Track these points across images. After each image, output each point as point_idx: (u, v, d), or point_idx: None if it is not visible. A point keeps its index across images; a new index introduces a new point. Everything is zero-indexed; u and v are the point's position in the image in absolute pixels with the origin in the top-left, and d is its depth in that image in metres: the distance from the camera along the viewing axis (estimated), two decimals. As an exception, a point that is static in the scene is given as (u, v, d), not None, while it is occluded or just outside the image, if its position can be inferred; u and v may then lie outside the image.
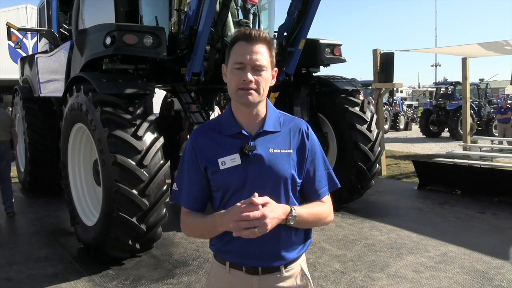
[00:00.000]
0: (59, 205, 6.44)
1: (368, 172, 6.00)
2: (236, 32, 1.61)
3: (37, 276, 4.21)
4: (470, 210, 6.19)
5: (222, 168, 1.55)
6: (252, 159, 1.54)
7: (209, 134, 1.62)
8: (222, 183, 1.57)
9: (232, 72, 1.53)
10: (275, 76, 1.62)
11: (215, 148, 1.58)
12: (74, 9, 6.29)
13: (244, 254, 1.57)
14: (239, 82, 1.50)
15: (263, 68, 1.52)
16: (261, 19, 6.26)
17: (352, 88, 6.30)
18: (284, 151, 1.58)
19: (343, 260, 4.44)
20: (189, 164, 1.63)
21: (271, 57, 1.56)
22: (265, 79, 1.53)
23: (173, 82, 5.81)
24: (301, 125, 1.66)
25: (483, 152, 10.39)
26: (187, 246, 4.93)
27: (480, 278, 3.96)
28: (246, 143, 1.55)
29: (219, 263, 1.65)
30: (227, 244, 1.58)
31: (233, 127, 1.59)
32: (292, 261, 1.62)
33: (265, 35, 1.55)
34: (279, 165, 1.55)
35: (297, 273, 1.64)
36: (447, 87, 19.48)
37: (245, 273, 1.59)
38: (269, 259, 1.58)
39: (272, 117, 1.62)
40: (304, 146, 1.62)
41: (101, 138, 4.15)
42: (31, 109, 7.52)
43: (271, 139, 1.58)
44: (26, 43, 13.82)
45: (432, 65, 45.02)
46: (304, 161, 1.61)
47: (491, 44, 9.18)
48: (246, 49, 1.51)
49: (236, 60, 1.51)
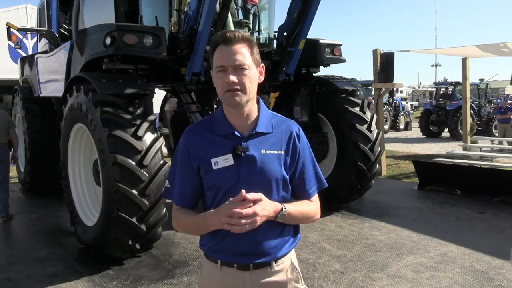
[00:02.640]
0: (59, 205, 6.44)
1: (368, 172, 5.99)
2: (214, 36, 1.63)
3: (37, 276, 4.21)
4: (470, 210, 6.19)
5: (215, 168, 1.58)
6: (244, 160, 1.58)
7: (202, 133, 1.65)
8: (215, 182, 1.61)
9: (216, 76, 1.57)
10: (263, 73, 1.65)
11: (207, 147, 1.61)
12: (74, 9, 6.29)
13: (235, 252, 1.61)
14: (224, 85, 1.53)
15: (244, 67, 1.54)
16: (261, 19, 6.26)
17: (352, 88, 6.30)
18: (276, 152, 1.62)
19: (343, 260, 4.44)
20: (181, 162, 1.66)
21: (253, 54, 1.58)
22: (249, 78, 1.55)
23: (173, 82, 5.81)
24: (293, 127, 1.70)
25: (483, 152, 10.39)
26: (187, 246, 4.93)
27: (480, 278, 3.96)
28: (239, 144, 1.58)
29: (211, 262, 1.68)
30: (219, 243, 1.62)
31: (226, 128, 1.62)
32: (282, 256, 1.66)
33: (242, 35, 1.56)
34: (271, 166, 1.60)
35: (287, 267, 1.69)
36: (447, 87, 19.47)
37: (236, 270, 1.62)
38: (260, 255, 1.61)
39: (264, 118, 1.65)
40: (296, 148, 1.66)
41: (101, 138, 4.15)
42: (31, 109, 7.51)
43: (263, 140, 1.62)
44: (26, 43, 13.80)
45: (432, 65, 45.15)
46: (295, 163, 1.66)
47: (489, 46, 9.18)
48: (225, 52, 1.54)
49: (217, 64, 1.55)
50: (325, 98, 6.35)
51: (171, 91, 7.12)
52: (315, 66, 6.81)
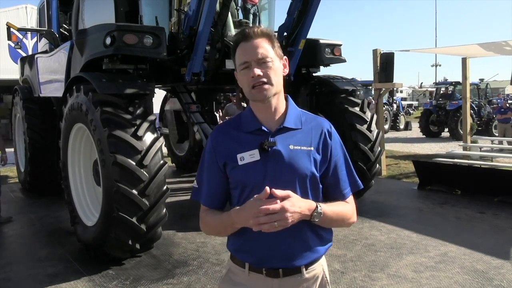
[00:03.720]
0: (59, 205, 6.43)
1: (368, 172, 6.00)
2: (234, 36, 1.61)
3: (37, 276, 4.21)
4: (470, 210, 6.19)
5: (241, 164, 1.53)
6: (271, 155, 1.52)
7: (229, 131, 1.62)
8: (241, 179, 1.55)
9: (241, 73, 1.54)
10: (287, 65, 1.61)
11: (234, 144, 1.57)
12: (74, 9, 6.29)
13: (265, 255, 1.54)
14: (250, 80, 1.51)
15: (268, 60, 1.51)
16: (261, 19, 6.27)
17: (352, 88, 6.30)
18: (305, 148, 1.55)
19: (343, 260, 4.44)
20: (209, 162, 1.62)
21: (275, 47, 1.55)
22: (274, 70, 1.52)
23: (173, 82, 5.81)
24: (324, 124, 1.64)
25: (483, 152, 10.38)
26: (187, 246, 4.93)
27: (480, 278, 3.95)
28: (266, 139, 1.53)
29: (237, 266, 1.61)
30: (247, 242, 1.56)
31: (253, 124, 1.58)
32: (313, 261, 1.59)
33: (262, 30, 1.54)
34: (299, 162, 1.53)
35: (318, 274, 1.61)
36: (447, 87, 19.46)
37: (265, 276, 1.55)
38: (290, 260, 1.54)
39: (292, 114, 1.61)
40: (327, 145, 1.59)
41: (101, 138, 4.15)
42: (31, 109, 7.51)
43: (291, 135, 1.56)
44: (26, 43, 13.79)
45: (432, 65, 45.18)
46: (327, 161, 1.59)
47: (491, 45, 9.18)
48: (247, 47, 1.52)
49: (241, 61, 1.53)
50: (325, 98, 6.35)
51: (171, 91, 7.13)
52: (315, 66, 6.82)
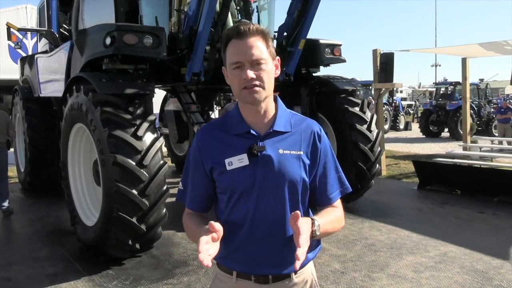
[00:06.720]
0: (59, 205, 6.44)
1: (368, 172, 5.99)
2: (226, 30, 1.52)
3: (37, 276, 4.21)
4: (470, 210, 6.19)
5: (229, 169, 1.47)
6: (261, 160, 1.47)
7: (215, 133, 1.55)
8: (229, 184, 1.50)
9: (232, 73, 1.45)
10: (279, 66, 1.54)
11: (221, 147, 1.51)
12: (74, 9, 6.29)
13: (253, 262, 1.50)
14: (241, 82, 1.43)
15: (262, 62, 1.43)
16: (261, 19, 6.27)
17: (352, 88, 6.30)
18: (295, 153, 1.50)
19: (343, 260, 4.44)
20: (194, 164, 1.57)
21: (269, 47, 1.47)
22: (267, 72, 1.45)
23: (173, 82, 5.81)
24: (313, 126, 1.59)
25: (483, 152, 10.38)
26: (187, 246, 4.93)
27: (480, 278, 3.96)
28: (255, 143, 1.48)
29: (224, 273, 1.57)
30: (235, 251, 1.52)
31: (241, 126, 1.51)
32: (302, 266, 1.55)
33: (257, 27, 1.46)
34: (289, 167, 1.48)
35: (307, 278, 1.59)
36: (447, 87, 19.47)
37: (254, 283, 1.52)
38: (279, 266, 1.51)
39: (282, 116, 1.55)
40: (316, 148, 1.55)
41: (101, 138, 4.15)
42: (31, 109, 7.51)
43: (281, 139, 1.51)
44: (26, 43, 13.82)
45: (432, 65, 45.13)
46: (316, 164, 1.54)
47: (491, 44, 9.17)
48: (240, 46, 1.43)
49: (233, 60, 1.44)
50: (325, 98, 6.35)
51: (171, 91, 7.12)
52: (315, 66, 6.81)
